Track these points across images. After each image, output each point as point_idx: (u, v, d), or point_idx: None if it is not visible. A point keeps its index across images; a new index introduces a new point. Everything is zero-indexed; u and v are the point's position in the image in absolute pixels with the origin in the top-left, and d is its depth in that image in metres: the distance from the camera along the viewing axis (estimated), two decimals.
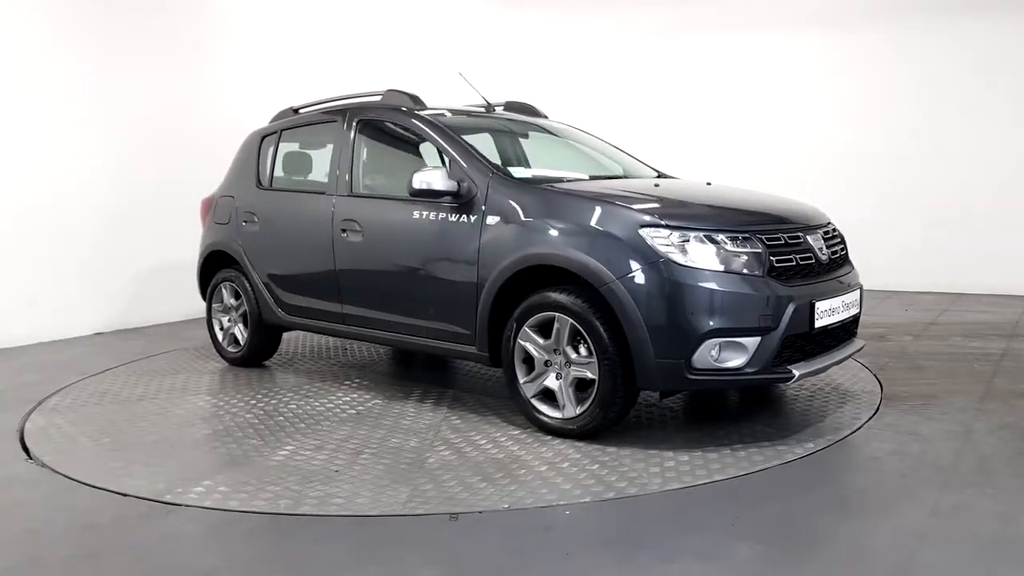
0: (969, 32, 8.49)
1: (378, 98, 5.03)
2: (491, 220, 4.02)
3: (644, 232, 3.58)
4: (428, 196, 4.21)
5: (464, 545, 2.81)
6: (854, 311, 4.10)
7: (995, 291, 8.35)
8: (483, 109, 5.29)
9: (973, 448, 3.65)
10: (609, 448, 3.70)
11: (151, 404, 4.66)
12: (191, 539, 2.94)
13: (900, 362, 5.36)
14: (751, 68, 9.56)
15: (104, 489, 3.35)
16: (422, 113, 4.70)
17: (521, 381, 3.95)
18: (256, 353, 5.51)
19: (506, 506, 3.10)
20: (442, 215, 4.23)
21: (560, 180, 4.31)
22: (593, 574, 2.58)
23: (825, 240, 4.08)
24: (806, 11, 9.25)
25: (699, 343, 3.48)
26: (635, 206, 3.76)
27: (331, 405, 4.55)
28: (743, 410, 4.28)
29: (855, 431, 3.92)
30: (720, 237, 3.60)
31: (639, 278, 3.52)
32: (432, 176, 4.12)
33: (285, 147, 5.48)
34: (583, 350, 3.72)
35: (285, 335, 5.92)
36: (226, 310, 5.62)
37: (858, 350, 4.21)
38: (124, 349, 6.23)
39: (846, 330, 4.10)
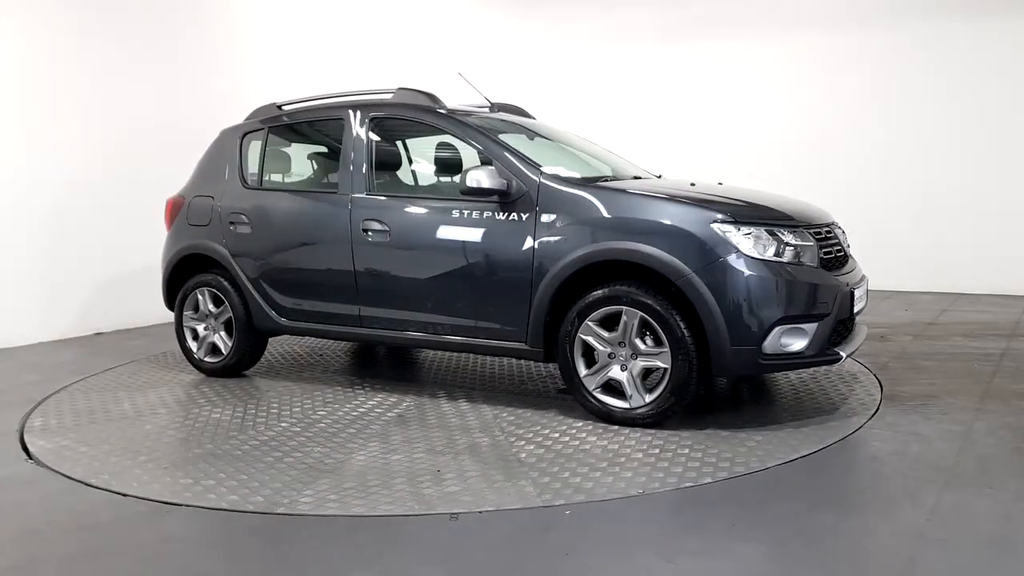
0: (970, 32, 8.49)
1: (389, 96, 4.92)
2: (546, 218, 4.11)
3: (716, 227, 3.81)
4: (478, 195, 4.22)
5: (464, 545, 2.81)
6: (867, 299, 4.44)
7: (995, 291, 8.35)
8: (486, 109, 5.27)
9: (973, 448, 3.65)
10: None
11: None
12: (191, 539, 2.94)
13: (900, 362, 5.36)
14: (752, 68, 9.56)
15: (104, 489, 3.35)
16: (457, 114, 4.71)
17: (583, 375, 4.05)
18: (240, 362, 5.22)
19: (640, 491, 3.22)
20: (487, 214, 4.25)
21: (599, 180, 4.42)
22: (593, 574, 2.58)
23: (841, 235, 4.48)
24: (806, 11, 9.25)
25: (770, 330, 3.76)
26: (704, 203, 3.95)
27: (363, 410, 4.44)
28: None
29: (855, 431, 3.92)
30: (781, 232, 3.89)
31: (715, 271, 3.75)
32: (483, 175, 4.15)
33: (275, 145, 5.30)
34: (650, 341, 3.90)
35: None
36: (202, 318, 5.27)
37: (866, 335, 4.44)
38: (124, 349, 6.23)
39: (852, 317, 4.30)
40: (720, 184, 4.71)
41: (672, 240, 3.83)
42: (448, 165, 4.70)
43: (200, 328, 5.30)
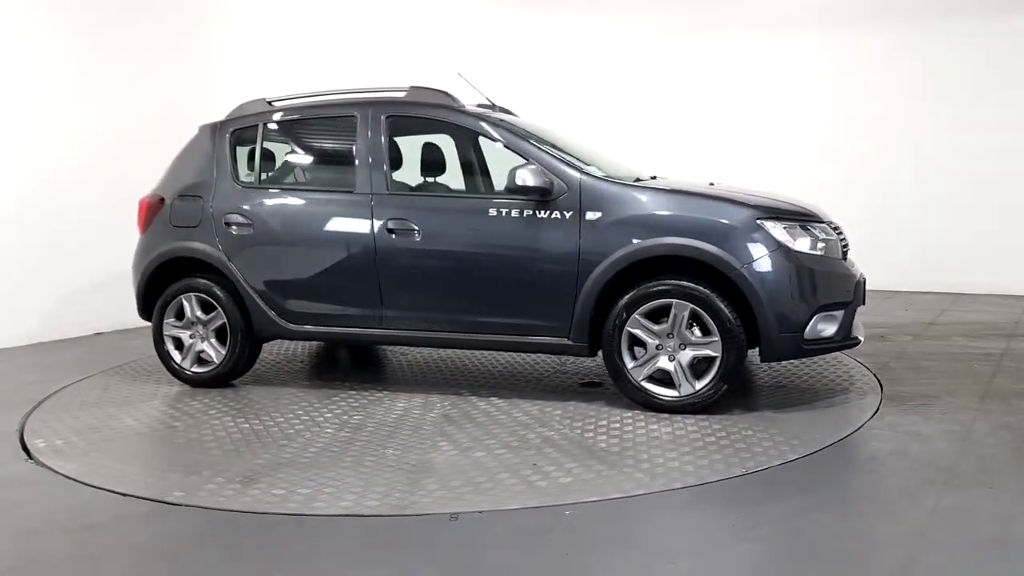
0: (970, 32, 8.49)
1: (401, 94, 4.86)
2: (590, 216, 4.22)
3: (762, 224, 4.10)
4: (522, 193, 4.28)
5: (464, 545, 2.81)
6: None
7: (995, 291, 8.35)
8: (489, 109, 5.27)
9: (973, 448, 3.65)
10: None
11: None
12: (191, 539, 2.94)
13: (900, 362, 5.36)
14: (752, 68, 9.55)
15: (104, 489, 3.35)
16: (487, 113, 4.72)
17: (630, 367, 4.18)
18: (233, 371, 4.94)
19: (744, 471, 3.38)
20: (527, 212, 4.30)
21: (636, 180, 4.55)
22: (593, 574, 2.58)
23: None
24: (806, 11, 9.25)
25: (811, 317, 4.09)
26: (749, 201, 4.23)
27: (398, 412, 4.36)
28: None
29: (855, 431, 3.92)
30: (813, 227, 4.24)
31: (763, 264, 4.04)
32: (528, 173, 4.22)
33: (272, 142, 5.14)
34: (697, 331, 4.09)
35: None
36: (188, 325, 4.93)
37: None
38: (124, 349, 6.23)
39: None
40: (712, 184, 4.79)
41: (723, 236, 4.08)
42: (477, 165, 4.76)
43: (185, 336, 4.95)
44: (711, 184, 4.80)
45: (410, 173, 5.25)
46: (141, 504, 3.19)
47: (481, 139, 4.66)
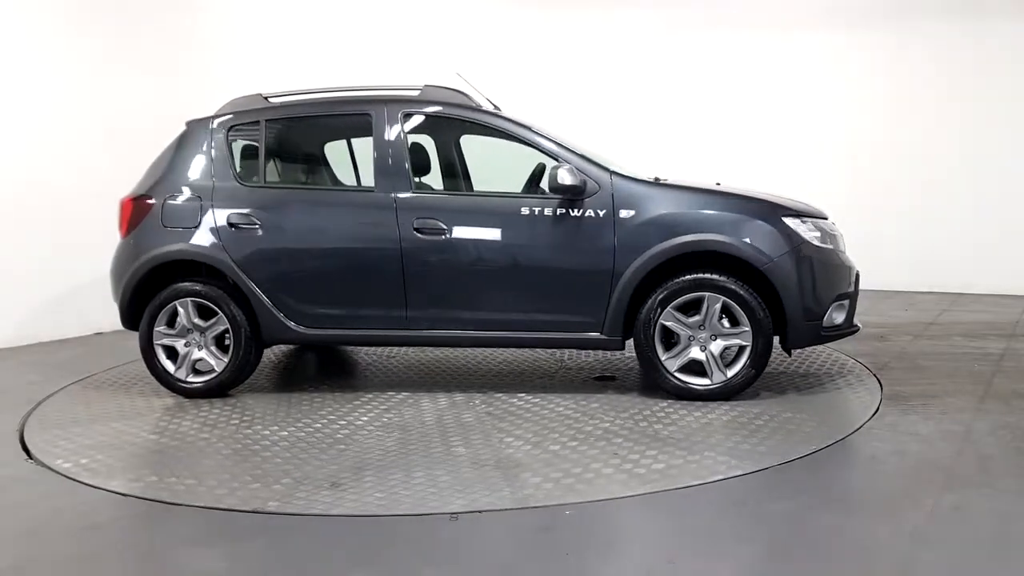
0: (971, 32, 8.49)
1: (415, 93, 4.81)
2: (624, 214, 4.39)
3: (787, 220, 4.39)
4: (559, 193, 4.38)
5: (464, 545, 2.81)
6: None
7: (995, 291, 8.35)
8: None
9: (973, 448, 3.65)
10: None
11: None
12: (191, 539, 2.94)
13: (900, 362, 5.36)
14: (752, 68, 9.55)
15: (104, 489, 3.35)
16: (505, 114, 4.78)
17: (664, 358, 4.37)
18: (236, 379, 4.71)
19: (836, 440, 3.69)
20: (560, 210, 4.41)
21: (658, 179, 4.69)
22: (593, 574, 2.58)
23: None
24: (807, 11, 9.24)
25: (829, 306, 4.43)
26: (770, 199, 4.53)
27: (434, 412, 4.35)
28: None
29: (855, 431, 3.92)
30: (820, 223, 4.55)
31: (790, 258, 4.33)
32: (566, 173, 4.33)
33: (276, 140, 5.00)
34: (726, 322, 4.34)
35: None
36: (183, 333, 4.66)
37: None
38: (124, 349, 6.22)
39: None
40: (718, 184, 4.85)
41: (754, 232, 4.35)
42: (504, 165, 4.81)
43: (180, 345, 4.68)
44: (717, 184, 4.85)
45: (452, 172, 5.22)
46: (141, 504, 3.19)
47: (493, 138, 4.72)
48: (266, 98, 4.97)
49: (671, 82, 9.92)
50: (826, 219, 4.64)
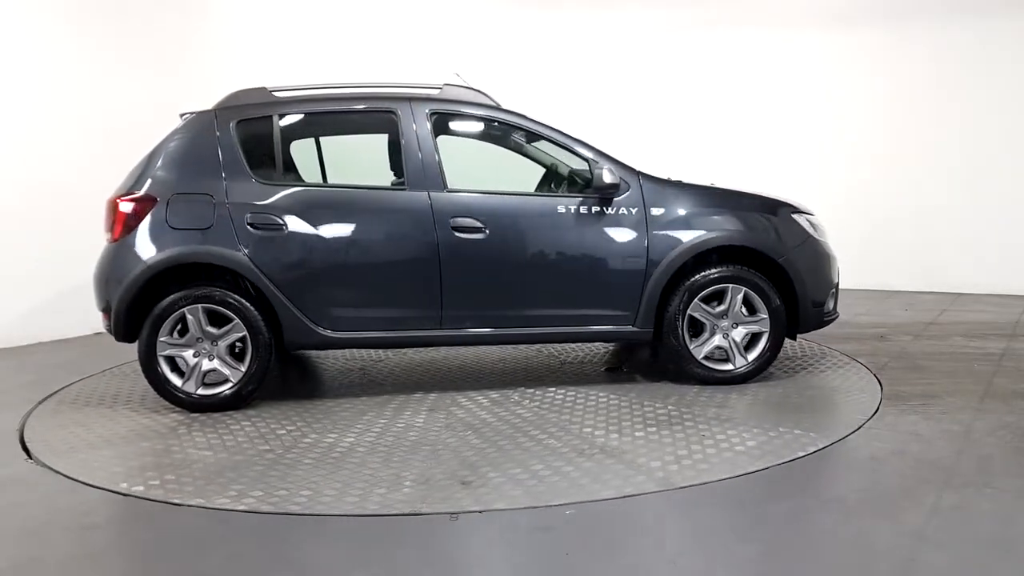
0: (970, 32, 8.48)
1: (436, 91, 4.79)
2: (655, 212, 4.64)
3: (796, 216, 4.82)
4: (601, 192, 4.58)
5: (464, 545, 2.81)
6: None
7: (995, 291, 8.35)
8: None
9: (973, 448, 3.65)
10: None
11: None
12: (191, 539, 2.94)
13: (900, 362, 5.37)
14: (753, 68, 9.54)
15: (104, 489, 3.35)
16: (527, 114, 4.84)
17: (692, 347, 4.66)
18: (254, 390, 4.46)
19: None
20: (596, 208, 4.61)
21: (678, 180, 4.95)
22: (593, 574, 2.58)
23: None
24: (807, 10, 9.24)
25: (829, 293, 4.87)
26: (779, 197, 4.90)
27: (480, 409, 4.38)
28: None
29: (855, 431, 3.92)
30: (813, 218, 4.94)
31: (801, 251, 4.75)
32: (607, 173, 4.54)
33: (292, 136, 4.88)
34: (745, 311, 4.71)
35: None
36: (191, 342, 4.35)
37: None
38: (124, 349, 6.20)
39: None
40: (712, 183, 5.02)
41: (771, 228, 4.77)
42: (534, 164, 4.97)
43: (188, 356, 4.37)
44: (712, 183, 4.96)
45: (482, 170, 5.21)
46: (141, 504, 3.19)
47: (514, 138, 4.84)
48: (271, 91, 4.74)
49: (671, 82, 9.92)
50: (813, 215, 4.97)
